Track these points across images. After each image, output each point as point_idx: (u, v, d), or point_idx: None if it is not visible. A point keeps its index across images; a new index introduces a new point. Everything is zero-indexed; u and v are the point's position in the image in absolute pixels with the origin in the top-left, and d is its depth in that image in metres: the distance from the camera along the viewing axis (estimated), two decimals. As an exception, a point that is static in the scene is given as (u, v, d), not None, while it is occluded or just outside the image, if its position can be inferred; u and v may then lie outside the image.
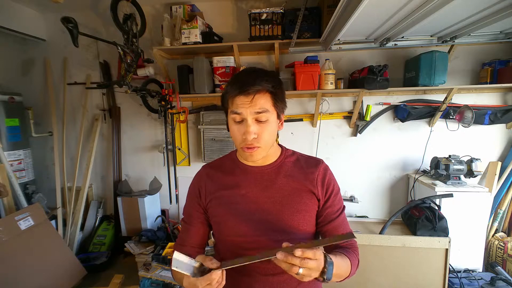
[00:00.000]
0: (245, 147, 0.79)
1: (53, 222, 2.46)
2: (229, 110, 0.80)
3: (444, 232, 1.82)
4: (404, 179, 2.63)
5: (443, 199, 2.06)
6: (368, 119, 2.50)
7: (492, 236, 2.39)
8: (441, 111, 2.37)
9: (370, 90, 2.25)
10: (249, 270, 0.81)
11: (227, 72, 2.42)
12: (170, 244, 2.28)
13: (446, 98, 2.32)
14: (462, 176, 2.21)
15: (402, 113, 2.44)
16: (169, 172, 2.66)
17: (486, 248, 2.28)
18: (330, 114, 2.59)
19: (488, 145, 2.49)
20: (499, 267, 2.20)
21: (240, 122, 0.78)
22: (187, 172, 2.80)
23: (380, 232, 1.87)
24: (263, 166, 0.87)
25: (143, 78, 2.61)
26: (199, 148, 2.73)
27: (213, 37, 2.37)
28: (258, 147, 0.79)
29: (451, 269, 1.93)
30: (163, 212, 2.83)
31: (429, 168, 2.43)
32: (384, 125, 2.58)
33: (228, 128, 0.83)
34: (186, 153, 2.78)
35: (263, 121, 0.77)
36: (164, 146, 2.70)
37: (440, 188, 2.12)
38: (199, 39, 2.27)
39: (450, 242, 1.68)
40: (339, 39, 2.10)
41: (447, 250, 1.68)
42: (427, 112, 2.42)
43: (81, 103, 2.83)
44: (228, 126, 0.83)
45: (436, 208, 1.95)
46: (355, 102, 2.50)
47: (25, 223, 2.10)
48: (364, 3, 1.29)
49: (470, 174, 2.17)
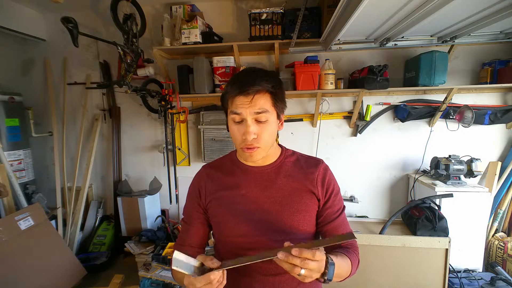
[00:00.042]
0: (245, 148, 0.79)
1: (53, 222, 2.46)
2: (228, 110, 0.80)
3: (444, 232, 1.82)
4: (404, 179, 2.63)
5: (443, 199, 2.06)
6: (368, 119, 2.50)
7: (492, 236, 2.39)
8: (441, 111, 2.37)
9: (370, 90, 2.25)
10: (249, 270, 0.80)
11: (227, 72, 2.42)
12: (170, 244, 2.28)
13: (446, 98, 2.32)
14: (462, 176, 2.21)
15: (402, 113, 2.44)
16: (169, 172, 2.66)
17: (486, 248, 2.28)
18: (330, 114, 2.59)
19: (488, 145, 2.49)
20: (499, 267, 2.20)
21: (239, 122, 0.78)
22: (187, 172, 2.80)
23: (380, 232, 1.87)
24: (263, 166, 0.87)
25: (143, 78, 2.61)
26: (199, 148, 2.73)
27: (213, 37, 2.37)
28: (258, 147, 0.79)
29: (451, 269, 1.93)
30: (163, 212, 2.83)
31: (429, 168, 2.43)
32: (384, 125, 2.58)
33: (228, 128, 0.83)
34: (186, 153, 2.78)
35: (263, 121, 0.77)
36: (164, 146, 2.70)
37: (440, 188, 2.12)
38: (199, 39, 2.28)
39: (450, 242, 1.68)
40: (339, 39, 2.10)
41: (447, 250, 1.68)
42: (427, 112, 2.42)
43: (81, 103, 2.83)
44: (228, 126, 0.83)
45: (436, 208, 1.94)
46: (355, 102, 2.50)
47: (25, 223, 2.10)
48: (364, 3, 1.29)
49: (470, 174, 2.18)
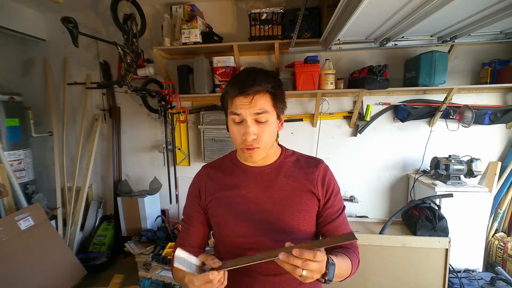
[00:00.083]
0: (245, 148, 0.79)
1: (53, 222, 2.46)
2: (228, 110, 0.80)
3: (444, 232, 1.82)
4: (404, 179, 2.63)
5: (443, 199, 2.06)
6: (368, 119, 2.50)
7: (492, 236, 2.39)
8: (441, 111, 2.37)
9: (370, 90, 2.25)
10: (249, 270, 0.80)
11: (227, 72, 2.42)
12: (170, 244, 2.28)
13: (446, 98, 2.32)
14: (462, 176, 2.21)
15: (402, 113, 2.44)
16: (169, 172, 2.66)
17: (486, 248, 2.28)
18: (330, 114, 2.59)
19: (488, 145, 2.49)
20: (499, 267, 2.20)
21: (239, 123, 0.78)
22: (187, 172, 2.80)
23: (380, 232, 1.87)
24: (263, 166, 0.87)
25: (143, 78, 2.61)
26: (199, 148, 2.73)
27: (213, 37, 2.37)
28: (258, 148, 0.79)
29: (451, 269, 1.93)
30: (163, 212, 2.83)
31: (429, 168, 2.43)
32: (384, 125, 2.58)
33: (228, 129, 0.83)
34: (186, 153, 2.78)
35: (263, 122, 0.77)
36: (164, 146, 2.70)
37: (440, 188, 2.12)
38: (199, 39, 2.27)
39: (450, 242, 1.68)
40: (339, 39, 2.10)
41: (447, 250, 1.68)
42: (427, 112, 2.42)
43: (81, 103, 2.83)
44: (227, 127, 0.83)
45: (436, 208, 1.94)
46: (355, 102, 2.50)
47: (25, 223, 2.10)
48: (364, 3, 1.29)
49: (470, 174, 2.17)
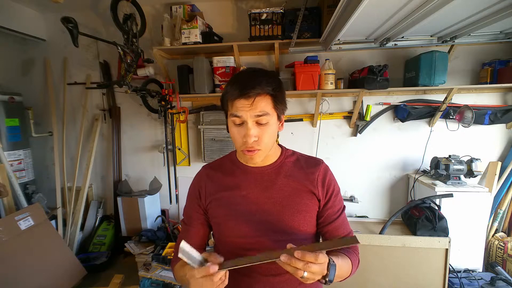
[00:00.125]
0: (245, 150, 0.79)
1: (53, 222, 2.46)
2: (229, 112, 0.79)
3: (444, 232, 1.82)
4: (404, 179, 2.63)
5: (443, 199, 2.06)
6: (368, 119, 2.50)
7: (492, 236, 2.39)
8: (441, 111, 2.37)
9: (370, 90, 2.25)
10: (249, 270, 0.80)
11: (227, 72, 2.41)
12: (170, 244, 2.28)
13: (446, 98, 2.32)
14: (462, 176, 2.21)
15: (402, 113, 2.44)
16: (169, 172, 2.66)
17: (486, 248, 2.28)
18: (330, 114, 2.59)
19: (488, 145, 2.49)
20: (499, 267, 2.21)
21: (240, 124, 0.78)
22: (187, 172, 2.80)
23: (380, 232, 1.87)
24: (263, 166, 0.87)
25: (143, 78, 2.61)
26: (199, 148, 2.73)
27: (213, 37, 2.37)
28: (259, 149, 0.79)
29: (451, 269, 1.93)
30: (163, 212, 2.83)
31: (429, 168, 2.43)
32: (384, 125, 2.58)
33: (228, 129, 0.83)
34: (186, 153, 2.78)
35: (264, 123, 0.77)
36: (164, 146, 2.70)
37: (440, 188, 2.12)
38: (199, 39, 2.27)
39: (450, 242, 1.68)
40: (339, 39, 2.10)
41: (447, 250, 1.68)
42: (427, 112, 2.42)
43: (81, 103, 2.83)
44: (228, 127, 0.83)
45: (436, 208, 1.95)
46: (355, 102, 2.50)
47: (25, 223, 2.10)
48: (364, 3, 1.29)
49: (470, 174, 2.18)
